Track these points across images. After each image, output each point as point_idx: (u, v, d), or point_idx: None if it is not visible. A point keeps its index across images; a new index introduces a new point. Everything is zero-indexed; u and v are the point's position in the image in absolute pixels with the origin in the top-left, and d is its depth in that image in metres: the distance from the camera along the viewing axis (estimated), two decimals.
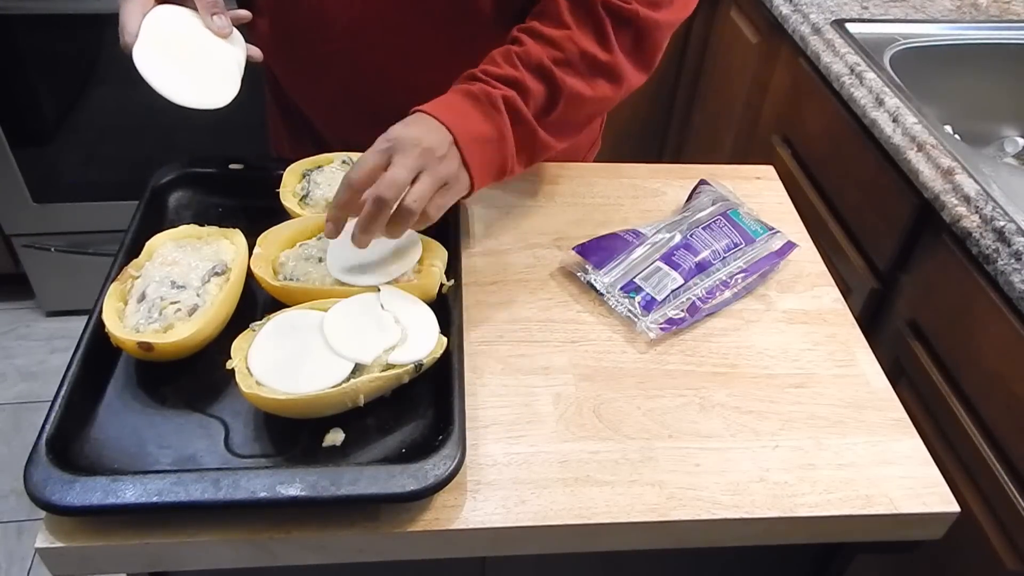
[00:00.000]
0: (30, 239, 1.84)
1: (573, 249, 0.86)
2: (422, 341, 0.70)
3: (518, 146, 0.78)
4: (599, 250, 0.85)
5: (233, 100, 0.77)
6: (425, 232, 0.81)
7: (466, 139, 0.73)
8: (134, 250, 0.77)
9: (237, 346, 0.68)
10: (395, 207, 0.69)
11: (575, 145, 1.07)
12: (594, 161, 1.13)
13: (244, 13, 0.83)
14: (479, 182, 0.75)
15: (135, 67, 0.71)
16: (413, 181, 0.70)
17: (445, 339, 0.71)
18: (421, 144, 0.70)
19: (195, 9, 0.77)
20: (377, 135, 0.94)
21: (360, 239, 0.70)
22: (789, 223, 0.96)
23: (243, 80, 0.78)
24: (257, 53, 0.82)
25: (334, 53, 0.89)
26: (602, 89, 0.81)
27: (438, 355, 0.70)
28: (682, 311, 0.80)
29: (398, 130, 0.71)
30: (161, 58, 0.73)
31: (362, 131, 0.96)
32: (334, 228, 0.71)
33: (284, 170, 0.86)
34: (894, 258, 1.17)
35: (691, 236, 0.85)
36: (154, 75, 0.72)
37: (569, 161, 1.04)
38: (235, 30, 0.79)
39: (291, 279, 0.75)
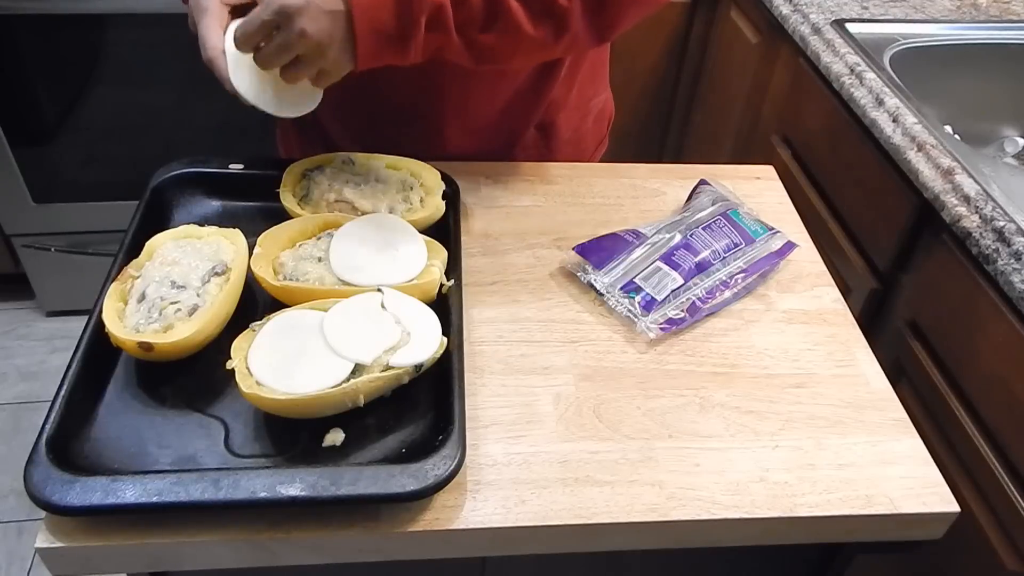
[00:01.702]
0: (30, 239, 1.84)
1: (573, 249, 0.86)
2: (423, 342, 0.70)
3: (424, 45, 0.73)
4: (599, 250, 0.85)
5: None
6: (425, 232, 0.81)
7: (364, 30, 0.69)
8: (134, 250, 0.77)
9: (237, 346, 0.68)
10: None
11: (582, 145, 1.07)
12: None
13: None
14: (363, 66, 0.72)
15: (235, 90, 0.72)
16: (292, 61, 0.69)
17: (445, 339, 0.71)
18: (304, 34, 0.66)
19: None
20: (383, 133, 0.94)
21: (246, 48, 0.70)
22: (789, 223, 0.96)
23: None
24: None
25: None
26: (545, 32, 0.76)
27: (438, 355, 0.70)
28: (682, 311, 0.80)
29: (291, 1, 0.66)
30: (250, 76, 0.73)
31: (368, 129, 0.96)
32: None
33: (284, 170, 0.86)
34: (894, 258, 1.17)
35: (691, 236, 0.85)
36: (252, 94, 0.73)
37: (574, 161, 1.05)
38: None
39: (291, 279, 0.75)
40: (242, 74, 0.72)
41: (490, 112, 0.96)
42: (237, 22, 0.71)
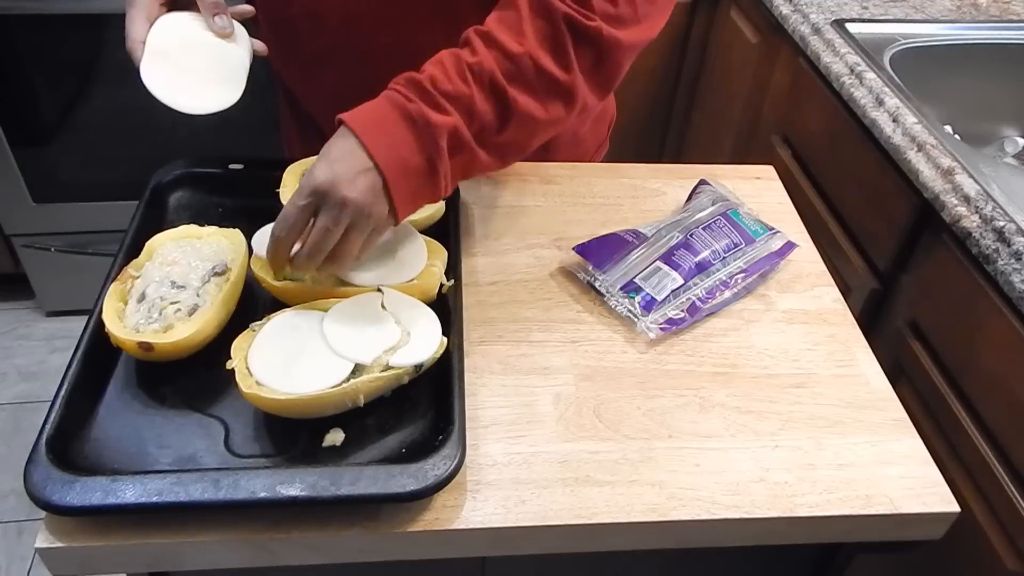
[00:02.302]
0: (30, 239, 1.84)
1: (573, 249, 0.86)
2: (423, 343, 0.70)
3: (453, 172, 0.71)
4: (599, 250, 0.85)
5: (239, 99, 0.76)
6: (425, 232, 0.81)
7: (396, 177, 0.67)
8: (134, 250, 0.77)
9: (237, 346, 0.68)
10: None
11: (582, 147, 1.07)
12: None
13: (247, 8, 0.82)
14: (403, 215, 0.70)
15: (142, 83, 0.71)
16: (342, 237, 0.68)
17: (445, 339, 0.71)
18: (348, 202, 0.65)
19: (199, 11, 0.77)
20: None
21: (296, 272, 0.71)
22: (789, 223, 0.96)
23: (249, 79, 0.78)
24: (262, 47, 0.81)
25: (330, 49, 0.89)
26: (556, 111, 0.74)
27: (438, 355, 0.70)
28: (682, 311, 0.80)
29: (322, 176, 0.66)
30: (165, 70, 0.73)
31: None
32: (276, 272, 0.72)
33: (284, 170, 0.86)
34: (894, 258, 1.17)
35: (691, 236, 0.85)
36: (159, 89, 0.73)
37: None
38: (239, 27, 0.79)
39: (291, 279, 0.75)
40: (155, 69, 0.72)
41: None
42: (173, 16, 0.71)
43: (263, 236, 0.74)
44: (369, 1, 0.84)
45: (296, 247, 0.69)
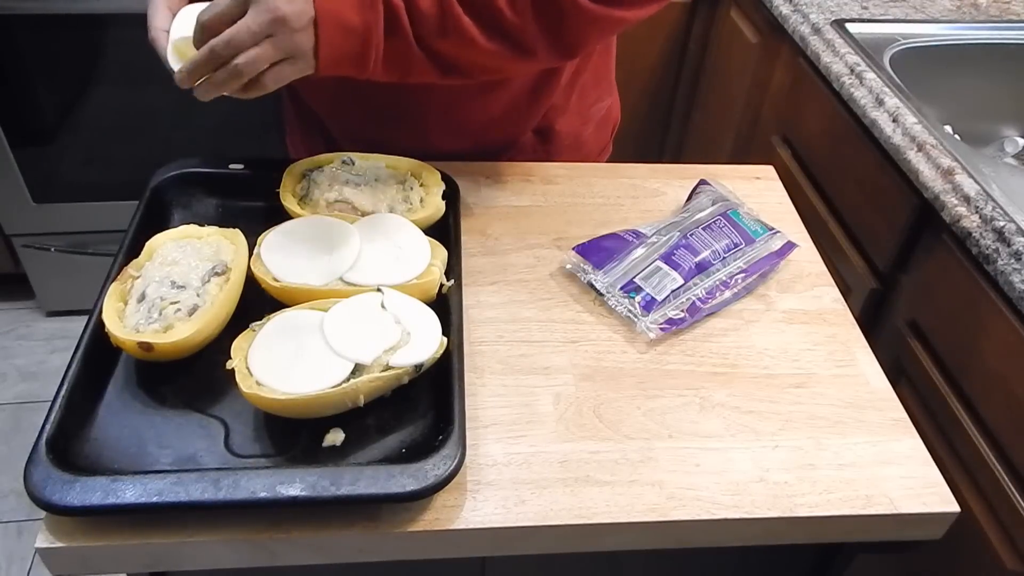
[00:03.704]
0: (30, 239, 1.84)
1: (573, 249, 0.86)
2: (423, 342, 0.70)
3: (386, 55, 0.73)
4: (599, 250, 0.85)
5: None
6: (425, 232, 0.81)
7: (328, 22, 0.68)
8: (134, 250, 0.77)
9: (237, 346, 0.68)
10: (230, 64, 0.67)
11: (584, 151, 1.07)
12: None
13: None
14: (325, 69, 0.71)
15: (169, 69, 0.71)
16: (259, 43, 0.67)
17: (445, 339, 0.71)
18: (278, 11, 0.66)
19: None
20: (382, 131, 0.94)
21: (189, 83, 0.69)
22: (789, 223, 0.96)
23: None
24: None
25: None
26: (498, 48, 0.75)
27: (438, 355, 0.70)
28: (682, 311, 0.80)
29: None
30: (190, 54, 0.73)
31: (368, 127, 0.96)
32: (186, 76, 0.69)
33: (284, 170, 0.86)
34: (894, 258, 1.17)
35: (691, 236, 0.85)
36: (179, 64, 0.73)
37: None
38: None
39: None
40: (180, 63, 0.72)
41: (483, 116, 0.95)
42: (196, 6, 0.71)
43: (183, 19, 0.72)
44: None
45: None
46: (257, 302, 0.76)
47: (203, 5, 0.74)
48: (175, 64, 0.71)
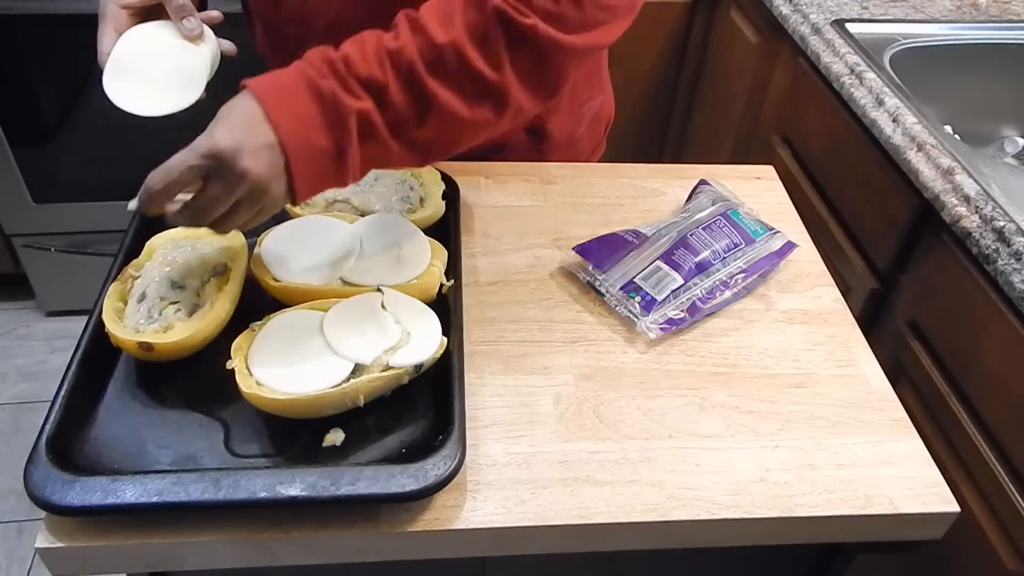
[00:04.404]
0: (30, 239, 1.84)
1: (573, 249, 0.86)
2: (423, 343, 0.70)
3: (363, 161, 0.66)
4: (599, 250, 0.85)
5: (199, 101, 0.76)
6: (425, 232, 0.81)
7: (299, 157, 0.62)
8: (134, 250, 0.77)
9: (237, 346, 0.68)
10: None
11: (576, 149, 1.06)
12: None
13: (215, 14, 0.80)
14: (301, 197, 0.66)
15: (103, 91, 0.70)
16: (232, 207, 0.63)
17: (445, 339, 0.71)
18: (247, 175, 0.61)
19: (168, 19, 0.77)
20: None
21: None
22: (789, 223, 0.96)
23: (222, 79, 0.78)
24: (231, 48, 0.80)
25: None
26: (483, 112, 0.68)
27: (438, 355, 0.70)
28: (682, 311, 0.80)
29: (223, 142, 0.60)
30: (125, 77, 0.73)
31: None
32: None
33: None
34: (894, 258, 1.17)
35: (691, 236, 0.85)
36: (118, 96, 0.73)
37: None
38: (207, 30, 0.78)
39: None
40: (115, 78, 0.72)
41: None
42: (142, 27, 0.70)
43: (126, 42, 0.71)
44: (353, 8, 0.84)
45: (174, 206, 0.64)
46: (257, 302, 0.76)
47: (148, 25, 0.74)
48: (108, 87, 0.71)
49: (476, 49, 0.66)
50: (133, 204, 0.66)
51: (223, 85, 0.74)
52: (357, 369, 0.67)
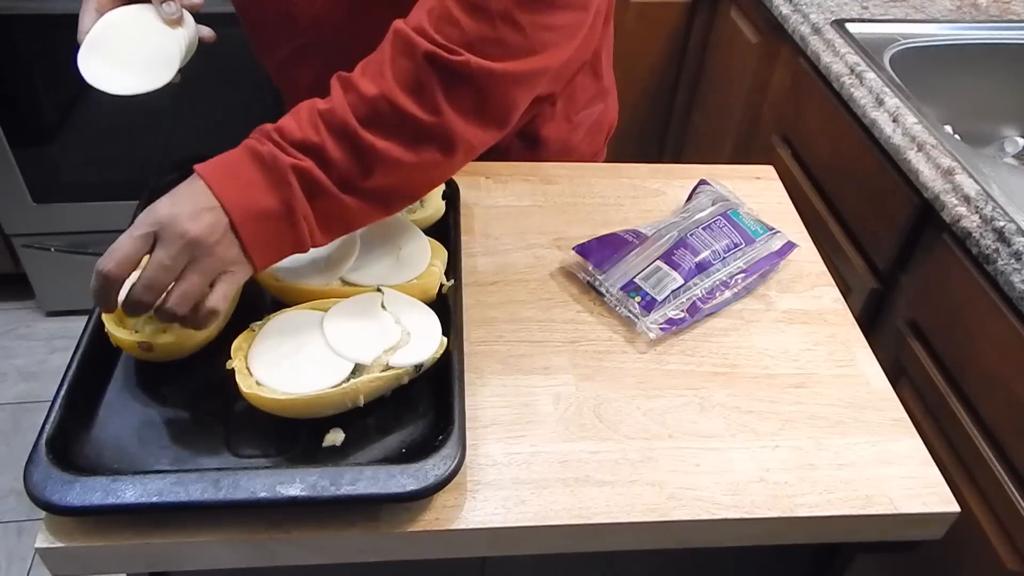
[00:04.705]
0: (30, 239, 1.84)
1: (573, 249, 0.86)
2: (423, 343, 0.70)
3: (319, 220, 0.66)
4: (599, 250, 0.85)
5: (171, 84, 0.77)
6: (425, 232, 0.82)
7: (244, 217, 0.62)
8: None
9: (237, 346, 0.68)
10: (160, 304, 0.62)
11: (571, 157, 1.04)
12: None
13: (196, 1, 0.81)
14: (262, 263, 0.65)
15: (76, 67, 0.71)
16: (181, 275, 0.62)
17: (445, 339, 0.71)
18: (187, 234, 0.60)
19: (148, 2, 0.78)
20: None
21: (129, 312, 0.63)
22: (789, 223, 0.96)
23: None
24: (209, 33, 0.81)
25: (305, 47, 0.89)
26: (429, 155, 0.68)
27: (438, 355, 0.70)
28: (682, 311, 0.80)
29: (163, 210, 0.61)
30: (100, 57, 0.75)
31: None
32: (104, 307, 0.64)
33: None
34: (894, 258, 1.17)
35: (691, 236, 0.85)
36: (91, 74, 0.74)
37: None
38: (187, 15, 0.79)
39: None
40: (90, 57, 0.74)
41: None
42: (120, 11, 0.71)
43: (103, 25, 0.72)
44: (335, 4, 0.84)
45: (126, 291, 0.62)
46: (257, 302, 0.76)
47: (129, 8, 0.75)
48: (85, 71, 0.72)
49: (409, 96, 0.66)
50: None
51: (216, 76, 0.74)
52: (357, 369, 0.67)
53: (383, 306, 0.72)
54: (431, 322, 0.72)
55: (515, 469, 0.67)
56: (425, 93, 0.66)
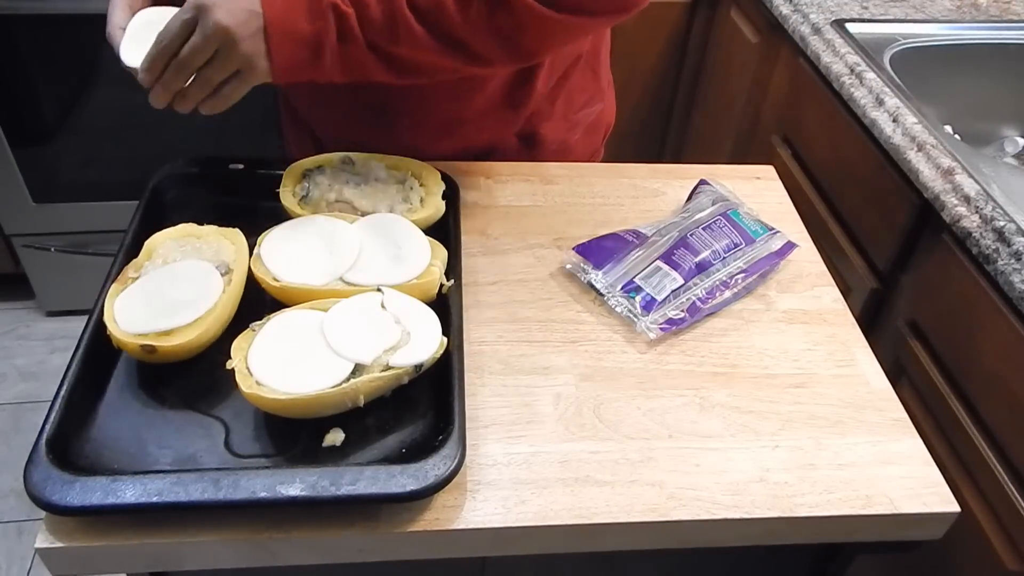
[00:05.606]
0: (30, 239, 1.84)
1: (573, 249, 0.86)
2: (423, 342, 0.70)
3: (340, 60, 0.74)
4: (599, 250, 0.85)
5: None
6: (425, 232, 0.81)
7: (278, 31, 0.69)
8: (134, 250, 0.77)
9: (237, 346, 0.68)
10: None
11: (569, 157, 1.05)
12: None
13: None
14: (279, 78, 0.72)
15: (121, 61, 0.74)
16: (208, 62, 0.69)
17: (445, 339, 0.71)
18: (221, 23, 0.67)
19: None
20: (366, 133, 0.94)
21: (155, 100, 0.72)
22: (789, 223, 0.96)
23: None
24: None
25: None
26: (451, 55, 0.76)
27: (438, 355, 0.70)
28: (682, 311, 0.80)
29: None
30: (143, 48, 0.74)
31: (347, 130, 0.96)
32: (152, 89, 0.72)
33: (284, 170, 0.86)
34: (894, 258, 1.17)
35: (691, 236, 0.85)
36: (132, 59, 0.75)
37: None
38: None
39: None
40: (133, 48, 0.74)
41: (456, 118, 0.94)
42: (155, 9, 0.74)
43: (141, 20, 0.75)
44: None
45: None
46: (257, 302, 0.76)
47: (163, 8, 0.76)
48: (128, 60, 0.73)
49: (456, 2, 0.72)
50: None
51: None
52: (357, 369, 0.67)
53: (383, 306, 0.72)
54: (431, 322, 0.72)
55: (515, 469, 0.67)
56: (472, 6, 0.73)
